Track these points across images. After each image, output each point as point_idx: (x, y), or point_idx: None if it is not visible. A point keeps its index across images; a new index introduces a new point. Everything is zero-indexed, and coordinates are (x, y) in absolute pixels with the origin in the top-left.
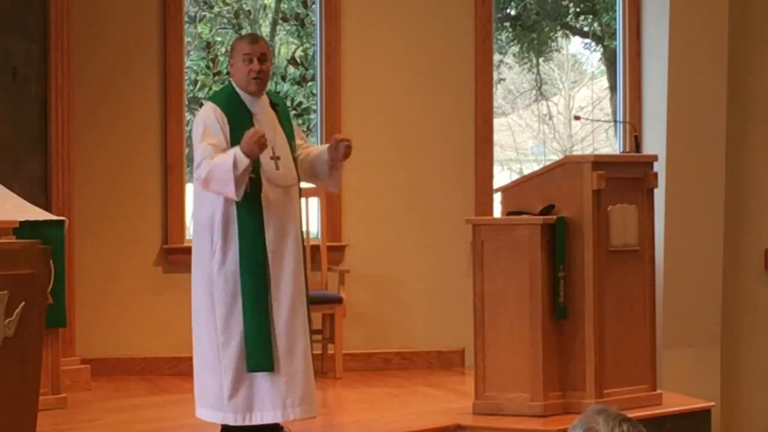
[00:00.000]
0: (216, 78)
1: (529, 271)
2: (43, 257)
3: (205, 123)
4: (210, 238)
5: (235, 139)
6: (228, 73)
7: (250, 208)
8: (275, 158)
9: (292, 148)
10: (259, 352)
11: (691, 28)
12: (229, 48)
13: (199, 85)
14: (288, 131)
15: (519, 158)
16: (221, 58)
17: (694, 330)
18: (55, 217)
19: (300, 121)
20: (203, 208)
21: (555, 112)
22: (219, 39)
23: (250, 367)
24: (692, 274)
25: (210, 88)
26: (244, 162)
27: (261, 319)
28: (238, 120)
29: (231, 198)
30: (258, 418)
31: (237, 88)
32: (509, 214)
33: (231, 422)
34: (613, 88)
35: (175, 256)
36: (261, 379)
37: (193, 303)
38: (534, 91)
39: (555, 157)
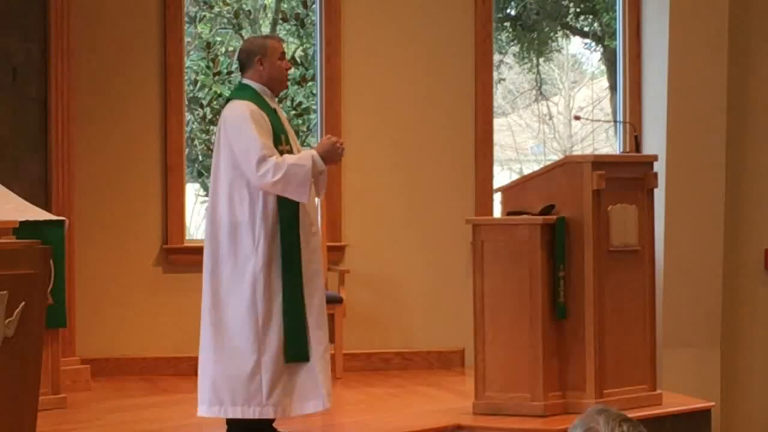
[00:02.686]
0: (216, 78)
1: (529, 271)
2: (43, 257)
3: (253, 118)
4: (252, 235)
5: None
6: (229, 74)
7: (289, 203)
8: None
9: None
10: (298, 344)
11: (691, 28)
12: (229, 48)
13: (199, 85)
14: (293, 131)
15: (519, 158)
16: (221, 58)
17: (694, 330)
18: (55, 217)
19: (300, 121)
20: (242, 207)
21: (555, 112)
22: (219, 39)
23: (290, 358)
24: (692, 274)
25: (210, 88)
26: (322, 167)
27: (299, 311)
28: (271, 120)
29: (299, 200)
30: (299, 410)
31: (258, 89)
32: (509, 214)
33: (271, 415)
34: (613, 88)
35: (175, 256)
36: (299, 370)
37: (225, 304)
38: (534, 91)
39: (555, 157)
